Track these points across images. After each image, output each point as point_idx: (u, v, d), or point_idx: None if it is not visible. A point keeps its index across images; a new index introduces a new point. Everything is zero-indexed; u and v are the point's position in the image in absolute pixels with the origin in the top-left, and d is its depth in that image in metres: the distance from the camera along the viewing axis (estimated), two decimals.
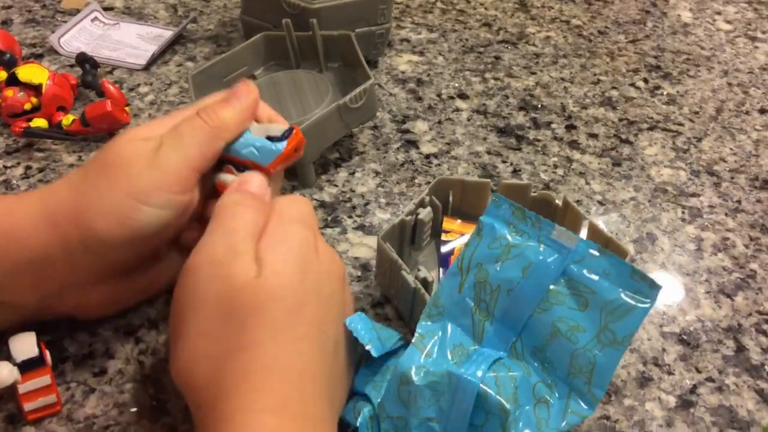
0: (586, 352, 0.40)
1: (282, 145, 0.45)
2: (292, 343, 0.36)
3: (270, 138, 0.45)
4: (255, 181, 0.43)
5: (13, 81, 0.63)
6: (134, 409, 0.44)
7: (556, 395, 0.41)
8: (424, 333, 0.43)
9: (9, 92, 0.63)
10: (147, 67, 0.74)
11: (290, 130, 0.46)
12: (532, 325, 0.42)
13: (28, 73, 0.63)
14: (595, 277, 0.41)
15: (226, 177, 0.45)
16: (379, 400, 0.42)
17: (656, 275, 0.56)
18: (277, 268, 0.37)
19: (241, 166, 0.45)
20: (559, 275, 0.42)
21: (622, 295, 0.40)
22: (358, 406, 0.42)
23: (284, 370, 0.35)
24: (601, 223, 0.60)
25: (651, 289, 0.39)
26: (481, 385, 0.39)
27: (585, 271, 0.42)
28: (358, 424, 0.41)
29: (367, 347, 0.41)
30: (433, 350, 0.42)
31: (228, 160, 0.45)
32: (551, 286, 0.42)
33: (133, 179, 0.40)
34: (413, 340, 0.42)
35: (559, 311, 0.41)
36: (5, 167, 0.61)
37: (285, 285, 0.37)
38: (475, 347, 0.43)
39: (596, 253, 0.42)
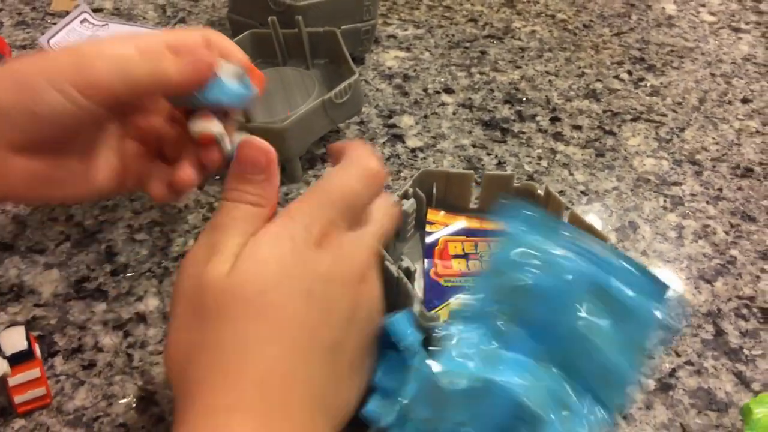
0: (612, 362, 0.41)
1: (253, 88, 0.43)
2: (255, 345, 0.34)
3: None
4: (258, 159, 0.39)
5: None
6: (123, 401, 0.45)
7: (582, 403, 0.41)
8: (454, 335, 0.43)
9: None
10: None
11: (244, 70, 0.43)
12: (560, 333, 0.43)
13: None
14: (625, 288, 0.42)
15: (206, 125, 0.42)
16: (403, 400, 0.42)
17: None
18: (246, 267, 0.35)
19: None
20: (589, 284, 0.43)
21: (651, 307, 0.41)
22: (385, 405, 0.43)
23: (245, 371, 0.33)
24: (583, 212, 0.61)
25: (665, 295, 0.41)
26: (516, 391, 0.40)
27: (615, 282, 0.42)
28: (384, 424, 0.41)
29: (401, 344, 0.42)
30: (463, 353, 0.42)
31: (200, 104, 0.43)
32: (581, 295, 0.43)
33: (60, 61, 0.39)
34: (443, 342, 0.42)
35: (588, 320, 0.42)
36: None
37: (252, 283, 0.35)
38: (504, 352, 0.43)
39: (627, 264, 0.43)
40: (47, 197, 0.45)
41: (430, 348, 0.45)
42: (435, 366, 0.41)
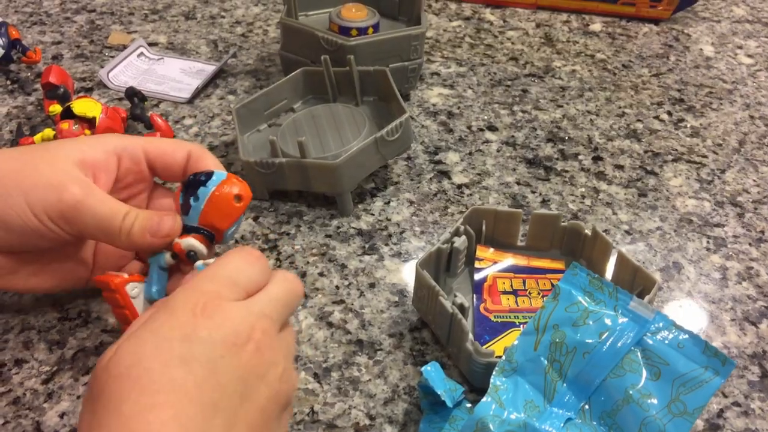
0: (656, 421, 0.42)
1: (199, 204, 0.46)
2: (136, 417, 0.32)
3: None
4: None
5: (68, 114, 0.67)
6: None
7: None
8: (499, 385, 0.45)
9: (64, 125, 0.66)
10: (191, 101, 0.77)
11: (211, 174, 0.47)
12: (604, 390, 0.44)
13: (82, 106, 0.67)
14: (670, 350, 0.44)
15: (198, 247, 0.46)
16: None
17: (683, 303, 0.58)
18: (124, 344, 0.34)
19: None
20: (635, 344, 0.44)
21: (696, 370, 0.43)
22: None
23: None
24: (628, 252, 0.62)
25: (724, 365, 0.42)
26: None
27: (660, 343, 0.44)
28: None
29: (442, 396, 0.44)
30: (507, 403, 0.44)
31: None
32: (626, 354, 0.44)
33: (42, 182, 0.44)
34: (489, 391, 0.44)
35: (632, 379, 0.43)
36: None
37: (126, 357, 0.33)
38: (546, 406, 0.45)
39: (672, 326, 0.44)
40: (10, 287, 0.50)
41: (464, 399, 0.46)
42: (479, 412, 0.43)
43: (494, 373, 0.45)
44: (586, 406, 0.44)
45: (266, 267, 0.41)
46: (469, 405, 0.47)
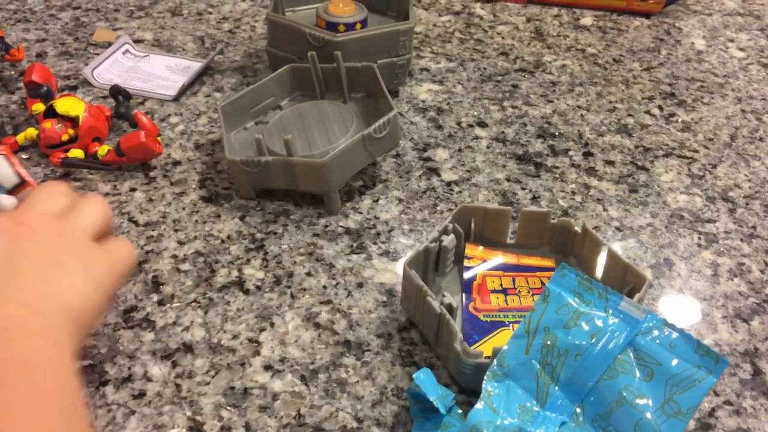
0: (650, 422, 0.41)
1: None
2: None
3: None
4: None
5: (51, 113, 0.66)
6: (173, 431, 0.46)
7: None
8: (491, 390, 0.44)
9: (47, 124, 0.65)
10: (177, 98, 0.76)
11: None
12: (597, 392, 0.43)
13: (65, 105, 0.66)
14: (662, 349, 0.43)
15: None
16: None
17: (674, 300, 0.57)
18: None
19: None
20: (627, 345, 0.44)
21: (689, 369, 0.42)
22: None
23: None
24: (619, 249, 0.61)
25: (717, 364, 0.42)
26: None
27: (652, 343, 0.43)
28: None
29: (435, 403, 0.43)
30: (500, 408, 0.44)
31: None
32: (618, 355, 0.44)
33: None
34: (482, 396, 0.43)
35: (625, 380, 0.43)
36: None
37: None
38: (539, 409, 0.44)
39: (664, 325, 0.44)
40: None
41: (454, 404, 0.46)
42: (473, 418, 0.42)
43: (486, 378, 0.44)
44: (579, 410, 0.44)
45: (69, 193, 0.48)
46: (460, 411, 0.46)
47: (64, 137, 0.66)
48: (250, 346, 0.52)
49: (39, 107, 0.68)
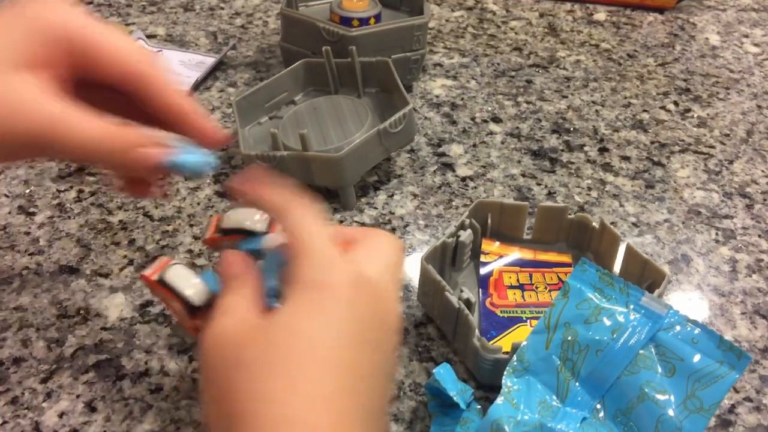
0: (672, 419, 0.41)
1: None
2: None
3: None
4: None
5: None
6: (190, 426, 0.46)
7: None
8: (511, 386, 0.44)
9: None
10: (190, 93, 0.76)
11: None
12: (619, 388, 0.43)
13: None
14: (684, 345, 0.43)
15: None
16: None
17: (692, 296, 0.57)
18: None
19: None
20: (648, 340, 0.43)
21: (711, 365, 0.42)
22: None
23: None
24: (635, 245, 0.61)
25: (739, 360, 0.41)
26: None
27: (674, 338, 0.43)
28: None
29: (455, 398, 0.43)
30: (520, 403, 0.43)
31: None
32: (640, 351, 0.43)
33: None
34: (502, 392, 0.43)
35: (647, 375, 0.42)
36: (59, 191, 0.63)
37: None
38: (559, 405, 0.44)
39: (686, 321, 0.43)
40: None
41: (473, 400, 0.46)
42: (494, 413, 0.42)
43: (506, 373, 0.44)
44: (600, 405, 0.43)
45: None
46: (479, 407, 0.46)
47: None
48: None
49: None
